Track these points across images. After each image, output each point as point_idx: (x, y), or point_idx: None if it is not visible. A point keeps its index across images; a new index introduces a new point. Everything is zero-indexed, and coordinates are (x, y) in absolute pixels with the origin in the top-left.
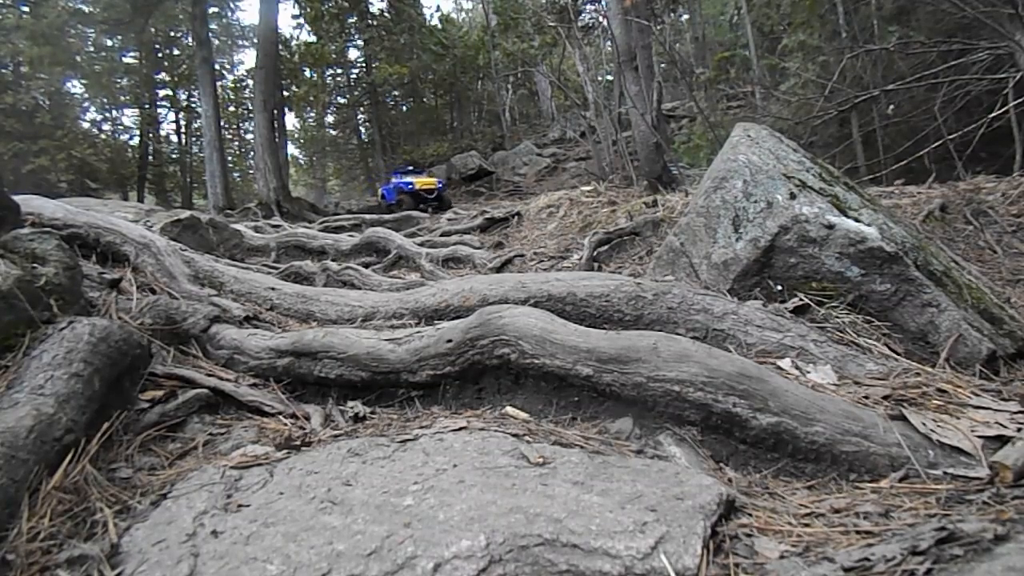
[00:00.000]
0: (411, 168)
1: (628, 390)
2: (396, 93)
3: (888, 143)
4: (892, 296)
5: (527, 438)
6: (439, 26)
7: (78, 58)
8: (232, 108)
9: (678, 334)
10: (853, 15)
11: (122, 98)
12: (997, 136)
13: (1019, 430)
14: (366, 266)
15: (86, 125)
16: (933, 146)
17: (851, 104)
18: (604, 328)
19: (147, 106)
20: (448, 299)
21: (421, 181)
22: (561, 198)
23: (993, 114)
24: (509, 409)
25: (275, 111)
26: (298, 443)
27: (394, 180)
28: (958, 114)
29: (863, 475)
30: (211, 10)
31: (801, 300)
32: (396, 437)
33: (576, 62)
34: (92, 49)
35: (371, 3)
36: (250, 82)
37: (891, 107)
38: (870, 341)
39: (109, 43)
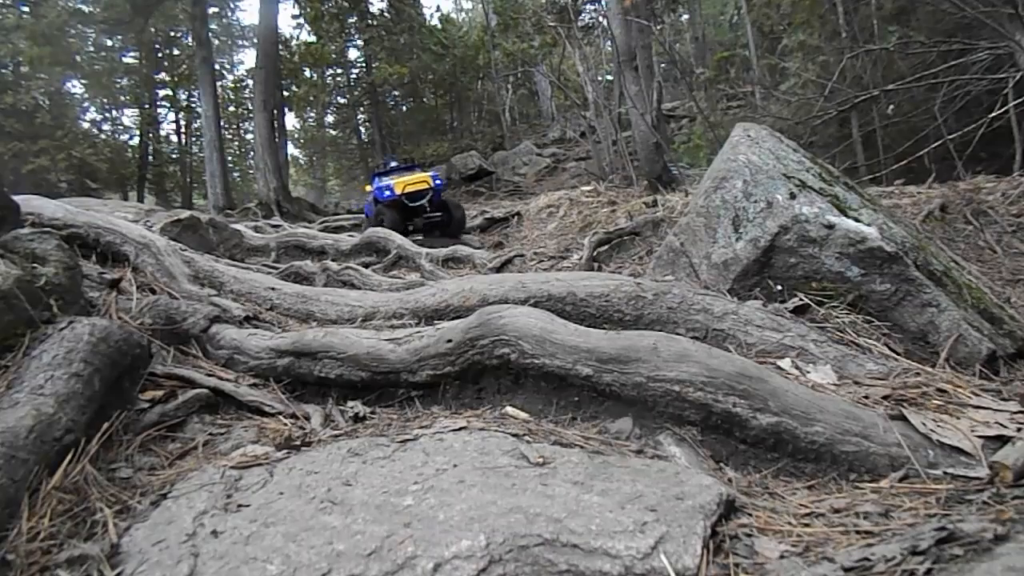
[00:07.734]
0: (395, 165)
1: (628, 390)
2: (396, 93)
3: (888, 143)
4: (892, 296)
5: (527, 438)
6: (439, 26)
7: (78, 58)
8: (232, 108)
9: (678, 334)
10: (853, 15)
11: (122, 98)
12: (997, 136)
13: (1019, 430)
14: (366, 266)
15: (86, 125)
16: (933, 146)
17: (851, 104)
18: (604, 328)
19: (147, 106)
20: (448, 299)
21: (405, 182)
22: (561, 198)
23: (993, 114)
24: (509, 409)
25: (275, 111)
26: (298, 443)
27: (374, 186)
28: (958, 114)
29: (863, 475)
30: (211, 10)
31: (801, 300)
32: (396, 437)
33: (576, 62)
34: (92, 49)
35: (371, 3)
36: (250, 82)
37: (891, 107)
38: (870, 341)
39: (109, 43)
